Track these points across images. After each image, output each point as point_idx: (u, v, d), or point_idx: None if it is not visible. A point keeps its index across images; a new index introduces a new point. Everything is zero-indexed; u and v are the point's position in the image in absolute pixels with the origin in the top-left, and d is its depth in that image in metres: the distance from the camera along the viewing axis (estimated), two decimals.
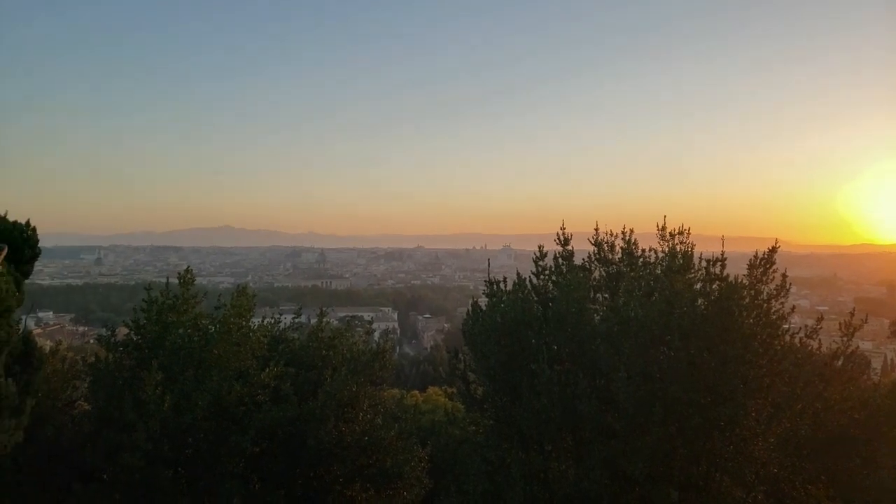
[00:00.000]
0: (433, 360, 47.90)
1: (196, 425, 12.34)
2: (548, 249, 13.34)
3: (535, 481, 12.18)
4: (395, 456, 14.49)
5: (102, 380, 13.39)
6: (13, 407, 9.93)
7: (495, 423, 12.79)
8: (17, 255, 11.42)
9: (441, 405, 21.39)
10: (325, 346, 15.71)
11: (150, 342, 13.82)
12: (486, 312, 13.01)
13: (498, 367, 12.26)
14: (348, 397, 14.40)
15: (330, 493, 14.11)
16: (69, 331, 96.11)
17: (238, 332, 13.99)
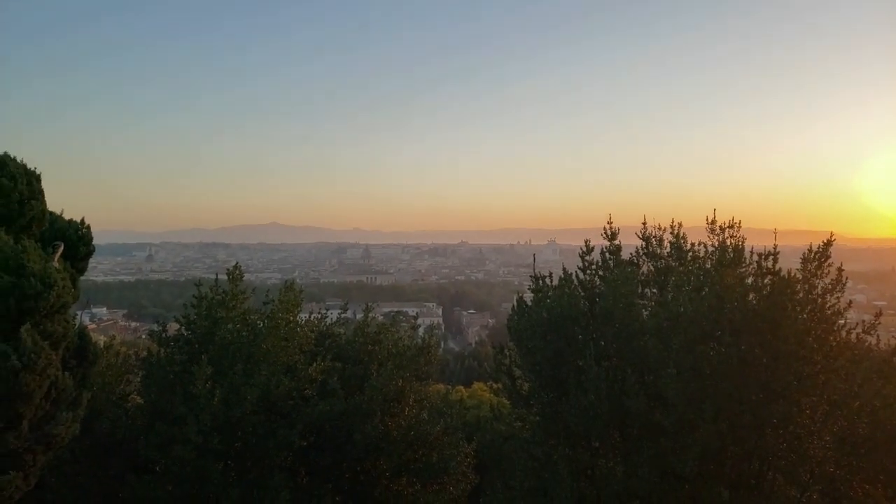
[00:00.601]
0: (478, 355, 47.84)
1: (245, 419, 12.55)
2: (594, 244, 13.12)
3: (582, 478, 12.02)
4: (441, 451, 14.48)
5: (155, 374, 13.74)
6: (70, 400, 10.25)
7: (541, 420, 12.66)
8: (73, 253, 11.77)
9: (486, 401, 21.29)
10: (371, 340, 15.80)
11: (201, 337, 14.11)
12: (531, 308, 12.87)
13: (544, 362, 12.12)
14: (394, 392, 14.44)
15: (377, 487, 14.19)
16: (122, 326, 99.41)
17: (286, 327, 14.18)
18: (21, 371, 9.11)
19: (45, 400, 9.77)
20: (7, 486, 9.24)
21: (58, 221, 11.87)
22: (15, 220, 10.60)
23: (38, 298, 9.58)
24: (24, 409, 9.43)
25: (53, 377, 9.77)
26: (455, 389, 23.32)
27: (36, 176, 11.08)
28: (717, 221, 12.36)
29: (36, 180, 11.05)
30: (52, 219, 11.68)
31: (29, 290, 9.50)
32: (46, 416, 9.84)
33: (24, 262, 9.63)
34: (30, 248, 10.03)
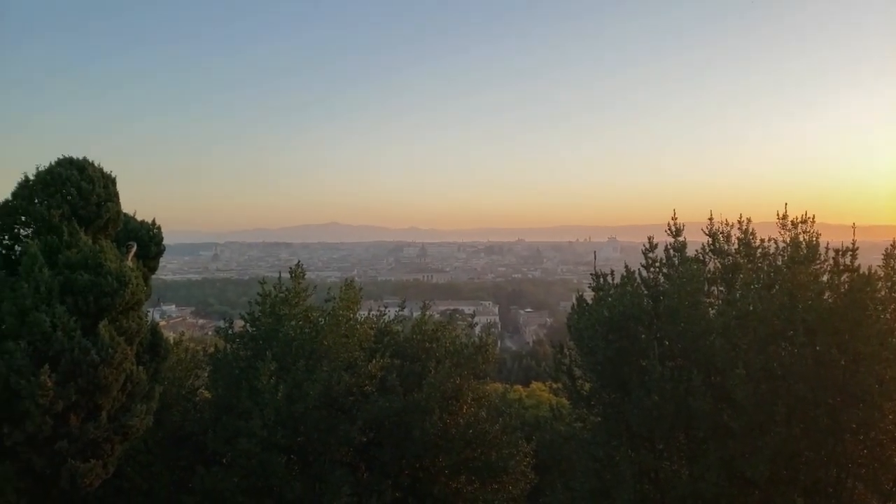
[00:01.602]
0: (536, 354, 47.48)
1: (307, 414, 12.79)
2: (658, 241, 12.79)
3: (645, 480, 11.77)
4: (500, 450, 14.41)
5: (221, 369, 14.18)
6: (144, 393, 10.69)
7: (603, 420, 12.45)
8: (145, 252, 12.27)
9: (545, 400, 21.11)
10: (429, 338, 15.86)
11: (265, 334, 14.48)
12: (592, 306, 12.67)
13: (605, 362, 11.90)
14: (452, 390, 14.46)
15: (436, 485, 14.24)
16: (190, 323, 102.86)
17: (346, 324, 14.39)
18: (100, 365, 9.56)
19: (121, 392, 10.22)
20: (88, 474, 9.70)
21: (131, 222, 12.39)
22: (93, 221, 11.11)
23: (114, 296, 10.03)
24: (102, 401, 9.89)
25: (129, 371, 10.21)
26: (513, 389, 23.21)
27: (112, 179, 11.59)
28: (788, 216, 11.87)
29: (112, 183, 11.55)
30: (126, 220, 12.21)
31: (106, 287, 9.95)
32: (123, 407, 10.29)
33: (102, 262, 10.09)
34: (106, 247, 10.51)
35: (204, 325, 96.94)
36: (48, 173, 10.82)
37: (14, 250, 10.68)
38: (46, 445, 9.50)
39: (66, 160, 11.11)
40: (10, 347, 9.13)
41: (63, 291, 9.77)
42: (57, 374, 9.29)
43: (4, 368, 9.05)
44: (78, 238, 10.48)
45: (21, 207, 10.64)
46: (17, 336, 9.28)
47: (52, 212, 10.51)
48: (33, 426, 9.19)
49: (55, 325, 9.40)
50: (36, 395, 9.06)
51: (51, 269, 9.84)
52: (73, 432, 9.58)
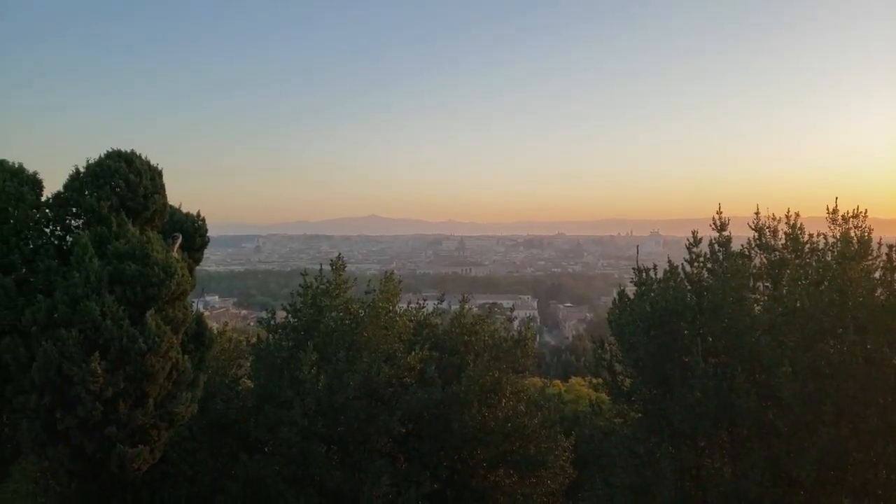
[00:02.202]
0: (575, 349, 47.11)
1: (347, 404, 12.93)
2: (702, 235, 12.51)
3: (686, 478, 11.58)
4: (539, 444, 14.36)
5: (264, 359, 14.43)
6: (189, 381, 10.96)
7: (643, 416, 12.28)
8: (189, 244, 12.55)
9: (584, 396, 20.92)
10: (468, 331, 15.87)
11: (306, 325, 14.69)
12: (634, 301, 12.49)
13: (647, 358, 11.73)
14: (491, 383, 14.45)
15: (474, 477, 14.27)
16: (233, 314, 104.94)
17: (385, 316, 14.50)
18: (147, 353, 9.82)
19: (167, 380, 10.49)
20: (136, 459, 10.00)
21: (176, 214, 12.68)
22: (140, 213, 11.41)
23: (160, 286, 10.28)
24: (149, 389, 10.17)
25: (175, 359, 10.47)
26: (552, 383, 23.07)
27: (158, 171, 11.87)
28: (839, 211, 11.48)
29: (158, 175, 11.83)
30: (172, 212, 12.49)
31: (153, 278, 10.22)
32: (169, 395, 10.56)
33: (149, 252, 10.36)
34: (153, 239, 10.78)
35: (246, 315, 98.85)
36: (98, 166, 11.14)
37: (66, 241, 11.03)
38: (97, 430, 9.82)
39: (115, 153, 11.42)
40: (63, 335, 9.45)
41: (112, 281, 10.06)
42: (106, 362, 9.59)
43: (57, 355, 9.37)
44: (126, 229, 10.78)
45: (72, 199, 10.99)
46: (69, 324, 9.60)
47: (101, 203, 10.82)
48: (84, 411, 9.50)
49: (105, 314, 9.69)
50: (87, 382, 9.36)
51: (100, 259, 10.15)
52: (122, 418, 9.88)
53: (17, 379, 9.72)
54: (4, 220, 10.28)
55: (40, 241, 10.81)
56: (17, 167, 10.75)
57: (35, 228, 10.77)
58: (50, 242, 10.87)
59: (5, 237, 10.29)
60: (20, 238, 10.51)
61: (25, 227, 10.57)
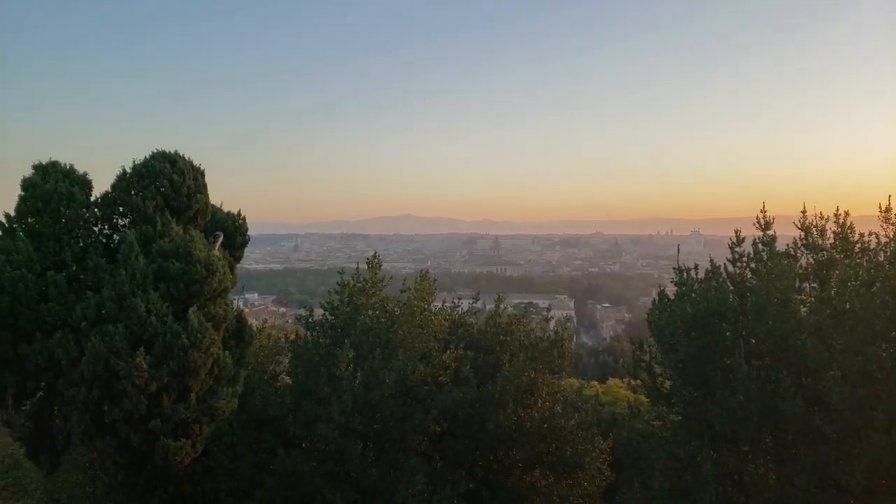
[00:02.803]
0: (613, 350, 46.52)
1: (383, 402, 13.01)
2: (745, 234, 12.22)
3: (728, 482, 11.34)
4: (576, 445, 14.23)
5: (302, 356, 14.61)
6: (230, 377, 11.15)
7: (684, 419, 12.06)
8: (230, 242, 12.77)
9: (622, 398, 20.65)
10: (503, 331, 15.82)
11: (343, 322, 14.81)
12: (674, 302, 12.26)
13: (688, 360, 11.51)
14: (527, 383, 14.37)
15: (510, 478, 14.21)
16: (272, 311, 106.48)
17: (421, 314, 14.54)
18: (189, 349, 10.03)
19: (209, 376, 10.70)
20: (179, 452, 10.23)
21: (218, 213, 12.92)
22: (183, 211, 11.66)
23: (203, 283, 10.49)
24: (191, 383, 10.39)
25: (216, 355, 10.67)
26: (589, 385, 22.82)
27: (201, 171, 12.11)
28: (892, 209, 11.07)
29: (201, 175, 12.07)
30: (214, 211, 12.73)
31: (196, 275, 10.43)
32: (210, 390, 10.77)
33: (192, 251, 10.57)
34: (196, 237, 11.00)
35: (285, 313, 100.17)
36: (143, 166, 11.41)
37: (113, 239, 11.33)
38: (142, 423, 10.07)
39: (160, 153, 11.68)
40: (110, 330, 9.71)
41: (156, 278, 10.31)
42: (151, 357, 9.82)
43: (105, 350, 9.64)
44: (170, 228, 11.03)
45: (119, 199, 11.28)
46: (115, 320, 9.86)
47: (146, 203, 11.09)
48: (130, 405, 9.75)
49: (149, 310, 9.93)
50: (132, 376, 9.61)
51: (146, 257, 10.40)
52: (166, 412, 10.11)
53: (67, 372, 10.02)
54: (56, 219, 10.62)
55: (89, 239, 11.14)
56: (68, 168, 11.08)
57: (84, 227, 11.09)
58: (98, 241, 11.18)
59: (57, 235, 10.63)
60: (71, 236, 10.84)
61: (76, 225, 10.90)
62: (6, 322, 10.01)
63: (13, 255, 10.11)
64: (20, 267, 10.05)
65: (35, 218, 10.63)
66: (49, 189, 10.57)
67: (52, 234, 10.61)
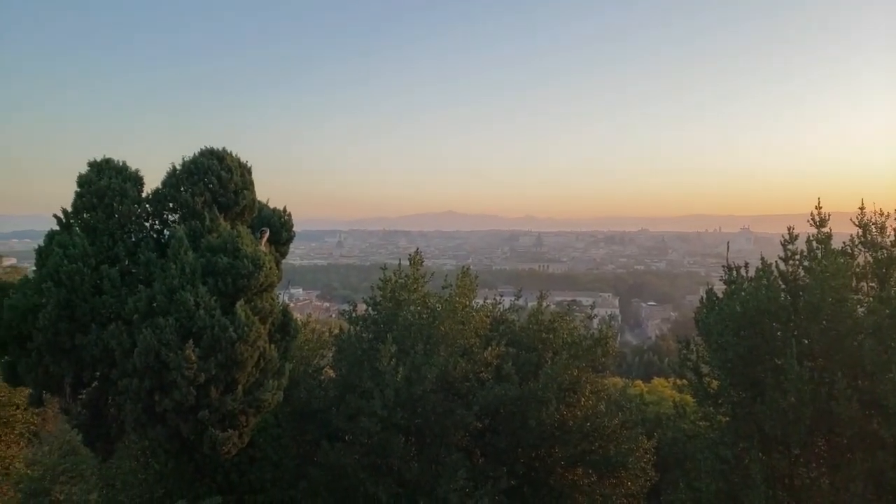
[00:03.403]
0: (658, 349, 45.68)
1: (425, 397, 13.05)
2: (798, 232, 11.80)
3: (778, 486, 11.02)
4: (619, 444, 14.03)
5: (345, 350, 14.77)
6: (275, 370, 11.35)
7: (731, 420, 11.74)
8: (276, 238, 12.98)
9: (668, 397, 20.26)
10: (545, 329, 15.68)
11: (385, 318, 14.92)
12: (723, 300, 11.94)
13: (736, 359, 11.20)
14: (569, 381, 14.23)
15: (552, 475, 14.10)
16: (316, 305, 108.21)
17: (462, 311, 14.53)
18: (237, 342, 10.24)
19: (255, 368, 10.91)
20: (226, 442, 10.47)
21: (264, 209, 13.14)
22: (231, 208, 11.90)
23: (250, 278, 10.69)
24: (238, 376, 10.60)
25: (262, 348, 10.87)
26: (633, 384, 22.45)
27: (247, 168, 12.33)
28: None
29: (248, 172, 12.30)
30: (260, 207, 12.95)
31: (243, 270, 10.63)
32: (256, 383, 10.98)
33: (239, 246, 10.78)
34: (243, 233, 11.22)
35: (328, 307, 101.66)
36: (192, 163, 11.69)
37: (163, 234, 11.65)
38: (191, 414, 10.33)
39: (208, 151, 11.94)
40: (161, 323, 9.98)
41: (205, 273, 10.55)
42: (200, 349, 10.06)
43: (156, 342, 9.91)
44: (218, 224, 11.27)
45: (169, 195, 11.58)
46: (166, 313, 10.13)
47: (195, 199, 11.36)
48: (180, 395, 10.01)
49: (198, 303, 10.17)
50: (182, 368, 9.86)
51: (195, 252, 10.65)
52: (214, 403, 10.35)
53: (121, 363, 10.35)
54: (110, 214, 10.96)
55: (141, 234, 11.48)
56: (121, 165, 11.42)
57: (136, 223, 11.43)
58: (149, 236, 11.51)
59: (111, 230, 10.98)
60: (124, 231, 11.18)
61: (128, 221, 11.23)
62: (64, 313, 10.39)
63: (70, 249, 10.48)
64: (77, 261, 10.42)
65: (90, 213, 11.00)
66: (103, 185, 10.92)
67: (106, 229, 10.95)
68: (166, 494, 12.53)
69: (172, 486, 12.53)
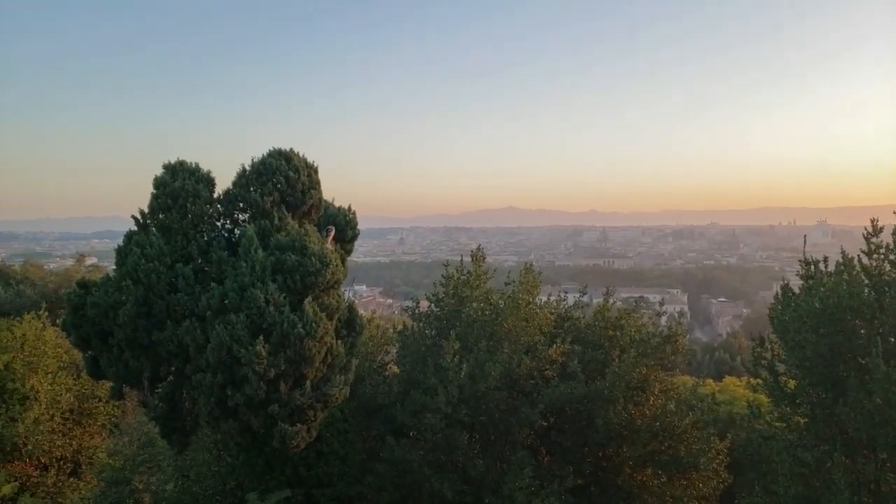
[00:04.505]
0: (729, 347, 44.03)
1: (489, 394, 13.01)
2: (883, 224, 11.13)
3: (864, 492, 10.43)
4: (690, 445, 13.63)
5: (409, 346, 14.88)
6: (342, 365, 11.54)
7: (810, 421, 11.20)
8: (341, 236, 13.19)
9: (740, 397, 19.53)
10: (612, 326, 15.40)
11: (448, 314, 14.94)
12: (800, 296, 11.39)
13: (816, 358, 10.66)
14: (638, 380, 13.91)
15: (620, 475, 13.82)
16: (379, 302, 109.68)
17: (526, 307, 14.40)
18: (305, 338, 10.46)
19: (322, 364, 11.12)
20: (295, 436, 10.71)
21: (330, 208, 13.37)
22: (298, 207, 12.16)
23: (317, 275, 10.91)
24: (307, 371, 10.83)
25: (329, 344, 11.07)
26: (704, 382, 21.75)
27: (314, 168, 12.57)
28: None
29: (314, 172, 12.53)
30: (326, 205, 13.19)
31: (311, 267, 10.85)
32: (324, 378, 11.19)
33: (307, 244, 11.01)
34: (310, 231, 11.45)
35: (391, 304, 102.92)
36: (261, 164, 12.00)
37: (234, 233, 12.01)
38: (261, 408, 10.62)
39: (276, 151, 12.24)
40: (233, 320, 10.30)
41: (274, 270, 10.82)
42: (269, 345, 10.32)
43: (228, 338, 10.23)
44: (286, 222, 11.54)
45: (239, 195, 11.93)
46: (237, 309, 10.44)
47: (264, 199, 11.66)
48: (251, 390, 10.31)
49: (268, 300, 10.44)
50: (252, 363, 10.14)
51: (264, 250, 10.94)
52: (283, 398, 10.60)
53: (195, 358, 10.74)
54: (184, 215, 11.38)
55: (213, 233, 11.87)
56: (194, 167, 11.84)
57: (209, 222, 11.82)
58: (221, 235, 11.89)
59: (185, 230, 11.40)
60: (196, 231, 11.59)
61: (201, 220, 11.64)
62: (141, 310, 10.86)
63: (147, 248, 10.95)
64: (153, 260, 10.88)
65: (165, 214, 11.45)
66: (177, 187, 11.34)
67: (181, 228, 11.38)
68: (237, 486, 12.93)
69: (243, 479, 12.92)
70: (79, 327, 11.35)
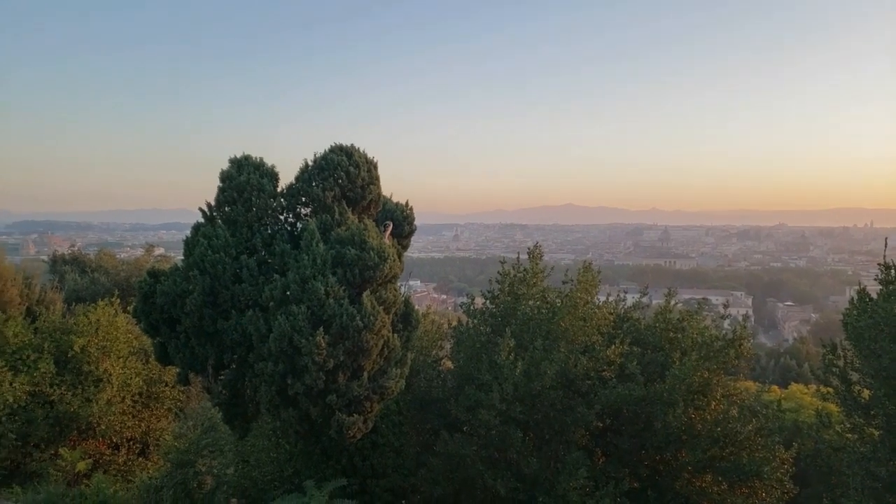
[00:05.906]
0: (796, 353, 42.32)
1: (544, 393, 12.90)
2: None
3: None
4: (753, 452, 13.15)
5: (463, 342, 14.89)
6: (398, 358, 11.65)
7: (886, 433, 10.66)
8: (398, 231, 13.30)
9: (807, 405, 18.75)
10: (673, 328, 15.02)
11: (504, 311, 14.89)
12: (878, 302, 10.84)
13: (893, 368, 10.14)
14: (699, 383, 13.51)
15: (678, 480, 13.47)
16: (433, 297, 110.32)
17: (583, 307, 14.21)
18: (363, 330, 10.60)
19: (379, 356, 11.25)
20: (352, 426, 10.88)
21: (388, 203, 13.49)
22: (358, 202, 12.33)
23: (375, 269, 11.03)
24: (364, 363, 10.98)
25: (386, 337, 11.19)
26: (769, 389, 20.99)
27: (374, 164, 12.70)
28: None
29: (374, 168, 12.67)
30: (384, 201, 13.31)
31: (369, 262, 10.99)
32: (380, 370, 11.32)
33: (366, 239, 11.15)
34: (369, 226, 11.59)
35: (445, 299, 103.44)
36: (323, 159, 12.21)
37: (296, 227, 12.27)
38: (320, 398, 10.83)
39: (337, 147, 12.42)
40: (294, 311, 10.53)
41: (334, 264, 11.00)
42: (329, 336, 10.51)
43: (289, 328, 10.47)
44: (346, 217, 11.72)
45: (301, 189, 12.16)
46: (299, 301, 10.67)
47: (325, 193, 11.86)
48: (310, 380, 10.52)
49: (328, 293, 10.62)
50: (313, 353, 10.35)
51: (325, 244, 11.13)
52: (341, 388, 10.78)
53: (257, 347, 11.03)
54: (248, 208, 11.70)
55: (276, 226, 12.15)
56: (258, 161, 12.14)
57: (272, 216, 12.11)
58: (284, 228, 12.16)
59: (249, 223, 11.72)
60: (260, 224, 11.89)
61: (265, 214, 11.93)
62: (208, 300, 11.23)
63: (213, 240, 11.31)
64: (219, 251, 11.23)
65: (231, 207, 11.79)
66: (243, 181, 11.66)
67: (245, 221, 11.70)
68: (295, 473, 13.23)
69: (301, 466, 13.22)
70: (148, 314, 11.84)
